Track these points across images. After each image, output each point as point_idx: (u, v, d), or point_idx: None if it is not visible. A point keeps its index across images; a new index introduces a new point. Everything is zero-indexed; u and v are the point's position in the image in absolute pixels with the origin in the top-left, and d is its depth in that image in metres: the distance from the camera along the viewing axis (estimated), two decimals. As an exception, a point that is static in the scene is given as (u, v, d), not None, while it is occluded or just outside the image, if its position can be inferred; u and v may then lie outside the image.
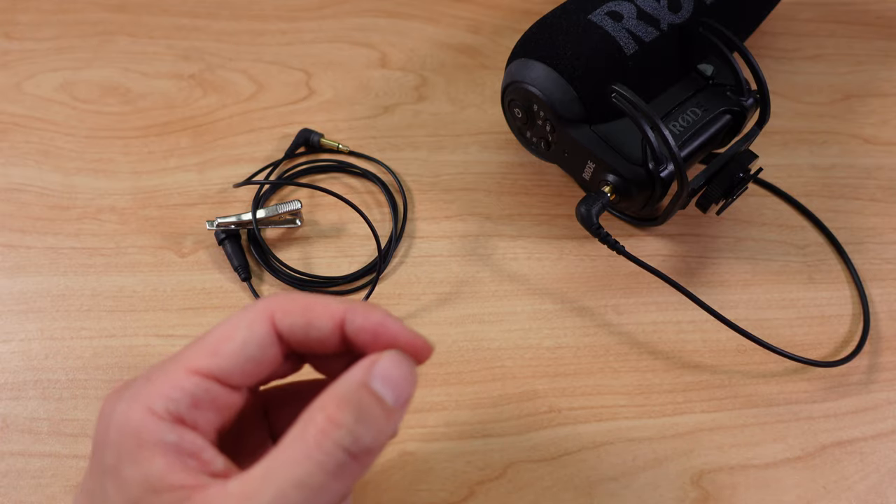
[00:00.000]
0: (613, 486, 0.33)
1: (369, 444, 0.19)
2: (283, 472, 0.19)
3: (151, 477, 0.19)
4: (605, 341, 0.37)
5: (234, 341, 0.21)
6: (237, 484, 0.19)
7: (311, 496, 0.18)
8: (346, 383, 0.20)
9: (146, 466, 0.19)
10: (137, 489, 0.19)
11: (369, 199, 0.41)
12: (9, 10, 0.47)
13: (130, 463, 0.19)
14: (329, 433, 0.19)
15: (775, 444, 0.34)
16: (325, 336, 0.22)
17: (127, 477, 0.19)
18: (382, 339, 0.21)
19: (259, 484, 0.19)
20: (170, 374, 0.20)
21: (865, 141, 0.46)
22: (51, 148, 0.41)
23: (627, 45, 0.35)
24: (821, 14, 0.52)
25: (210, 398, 0.20)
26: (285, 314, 0.21)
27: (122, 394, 0.21)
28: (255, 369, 0.21)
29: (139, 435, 0.19)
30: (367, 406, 0.20)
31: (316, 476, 0.19)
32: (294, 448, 0.19)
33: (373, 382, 0.20)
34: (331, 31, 0.48)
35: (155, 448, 0.19)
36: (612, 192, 0.35)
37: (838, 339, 0.38)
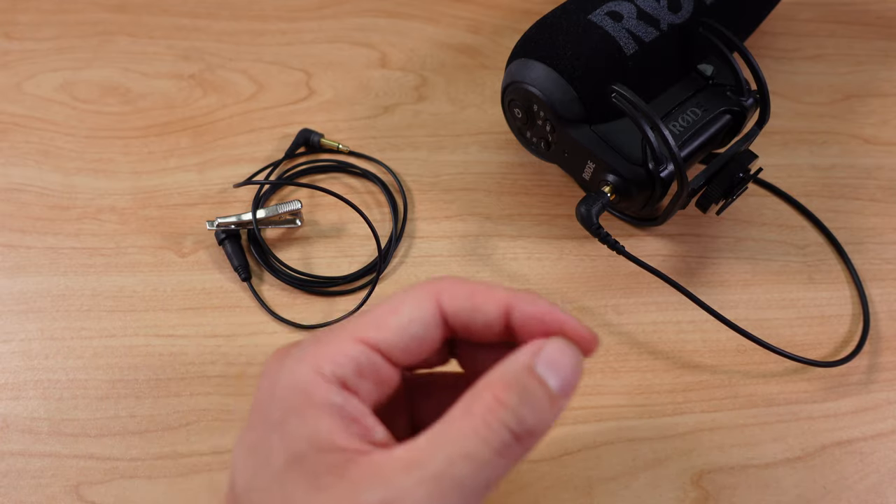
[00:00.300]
0: (613, 485, 0.33)
1: (532, 427, 0.20)
2: (450, 443, 0.19)
3: (318, 435, 0.19)
4: (605, 341, 0.37)
5: (401, 317, 0.21)
6: (403, 451, 0.19)
7: (476, 469, 0.19)
8: (512, 365, 0.20)
9: (312, 424, 0.20)
10: (303, 445, 0.19)
11: (369, 199, 0.41)
12: (9, 11, 0.47)
13: (297, 419, 0.20)
14: (495, 412, 0.19)
15: (775, 444, 0.34)
16: (489, 321, 0.22)
17: (293, 432, 0.20)
18: (550, 327, 0.21)
19: (426, 452, 0.19)
20: (338, 341, 0.21)
21: (865, 141, 0.46)
22: (51, 148, 0.41)
23: (627, 46, 0.35)
24: (821, 14, 0.52)
25: (373, 369, 0.21)
26: (452, 297, 0.22)
27: (289, 353, 0.21)
28: (416, 348, 0.22)
29: (307, 393, 0.20)
30: (531, 390, 0.20)
31: (482, 451, 0.19)
32: (461, 422, 0.19)
33: (538, 367, 0.20)
34: (331, 32, 0.48)
35: (322, 408, 0.20)
36: (612, 192, 0.35)
37: (838, 339, 0.38)
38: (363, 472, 0.19)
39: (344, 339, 0.21)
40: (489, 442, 0.19)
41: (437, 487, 0.19)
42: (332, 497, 0.19)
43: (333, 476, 0.19)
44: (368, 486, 0.19)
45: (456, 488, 0.19)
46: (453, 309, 0.22)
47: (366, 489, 0.19)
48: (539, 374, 0.20)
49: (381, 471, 0.19)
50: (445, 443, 0.19)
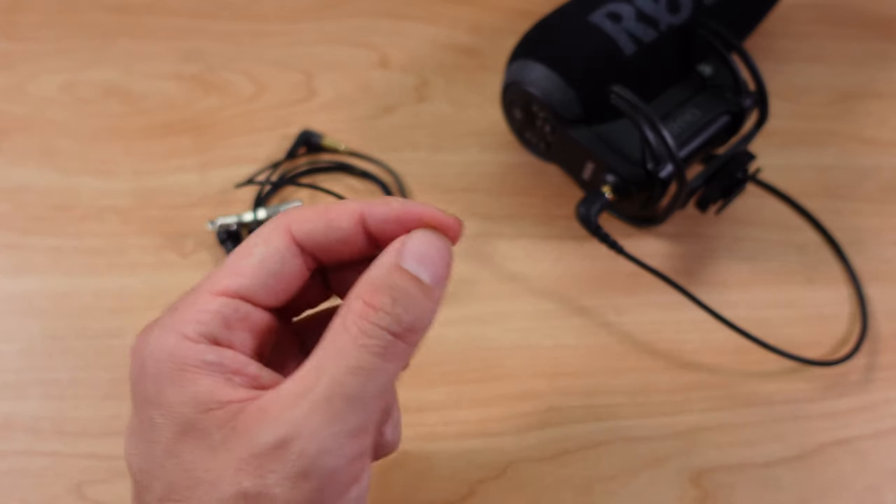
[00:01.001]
0: (613, 484, 0.33)
1: (411, 324, 0.19)
2: (332, 363, 0.19)
3: (199, 396, 0.19)
4: (605, 341, 0.37)
5: (253, 258, 0.21)
6: (289, 385, 0.19)
7: (365, 380, 0.19)
8: (377, 268, 0.20)
9: (191, 388, 0.19)
10: (187, 410, 0.19)
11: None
12: (10, 11, 0.47)
13: (174, 388, 0.19)
14: (369, 317, 0.19)
15: (774, 443, 0.35)
16: (346, 235, 0.21)
17: (173, 402, 0.19)
18: (409, 224, 0.21)
19: (311, 379, 0.19)
20: (195, 300, 0.20)
21: (864, 142, 0.46)
22: (53, 148, 0.41)
23: (626, 46, 0.36)
24: (819, 15, 0.52)
25: (240, 317, 0.20)
26: (302, 222, 0.21)
27: (151, 329, 0.20)
28: (279, 284, 0.21)
29: (177, 360, 0.19)
30: (402, 286, 0.19)
31: (366, 359, 0.19)
32: (338, 339, 0.19)
33: (405, 263, 0.20)
34: (331, 32, 0.48)
35: (197, 370, 0.19)
36: (612, 193, 0.35)
37: (836, 339, 0.38)
38: (254, 416, 0.18)
39: (201, 297, 0.20)
40: (370, 349, 0.19)
41: (331, 409, 0.18)
42: (230, 451, 0.18)
43: (226, 430, 0.19)
44: (262, 428, 0.18)
45: (349, 404, 0.18)
46: (305, 233, 0.21)
47: (260, 432, 0.18)
48: (407, 270, 0.20)
49: (271, 410, 0.18)
50: (328, 363, 0.19)
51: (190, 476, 0.19)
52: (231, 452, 0.18)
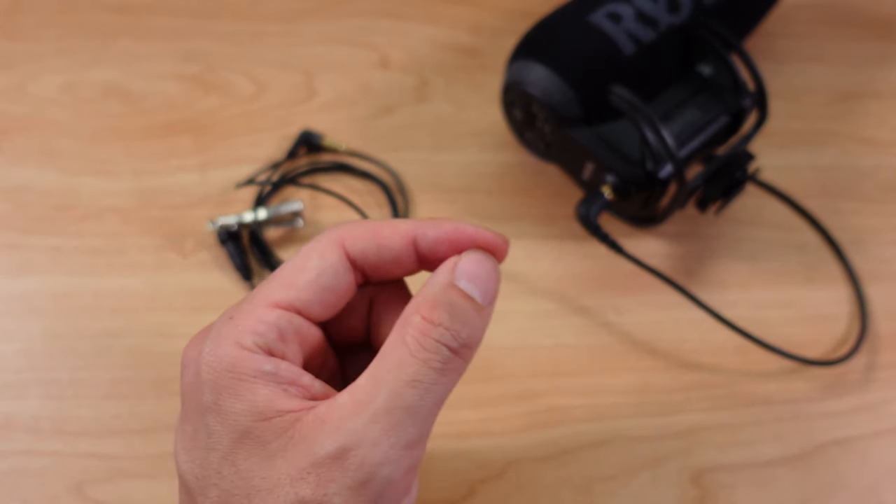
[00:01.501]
0: (612, 484, 0.33)
1: (467, 340, 0.20)
2: (392, 375, 0.19)
3: (258, 405, 0.19)
4: (605, 341, 0.37)
5: (309, 272, 0.21)
6: (346, 396, 0.19)
7: (423, 392, 0.19)
8: (433, 287, 0.21)
9: (250, 397, 0.19)
10: (245, 419, 0.19)
11: (370, 200, 0.41)
12: (11, 12, 0.47)
13: (232, 397, 0.19)
14: (428, 332, 0.20)
15: (774, 443, 0.35)
16: (397, 255, 0.22)
17: (231, 410, 0.19)
18: (460, 245, 0.22)
19: (371, 390, 0.19)
20: (252, 310, 0.20)
21: (863, 142, 0.46)
22: (53, 148, 0.41)
23: (626, 47, 0.36)
24: (819, 16, 0.52)
25: (294, 330, 0.21)
26: (355, 239, 0.22)
27: (205, 337, 0.21)
28: (332, 299, 0.21)
29: (235, 369, 0.19)
30: (458, 303, 0.20)
31: (425, 373, 0.19)
32: (397, 352, 0.19)
33: (459, 282, 0.21)
34: (331, 33, 0.48)
35: (254, 379, 0.19)
36: (612, 193, 0.35)
37: (836, 339, 0.38)
38: (312, 426, 0.19)
39: (258, 308, 0.20)
40: (430, 363, 0.19)
41: (390, 420, 0.19)
42: (288, 459, 0.19)
43: (283, 439, 0.19)
44: (321, 437, 0.19)
45: (408, 416, 0.19)
46: (359, 251, 0.22)
47: (320, 441, 0.19)
48: (462, 288, 0.21)
49: (329, 420, 0.19)
50: (387, 375, 0.19)
51: (247, 484, 0.19)
52: (289, 461, 0.19)
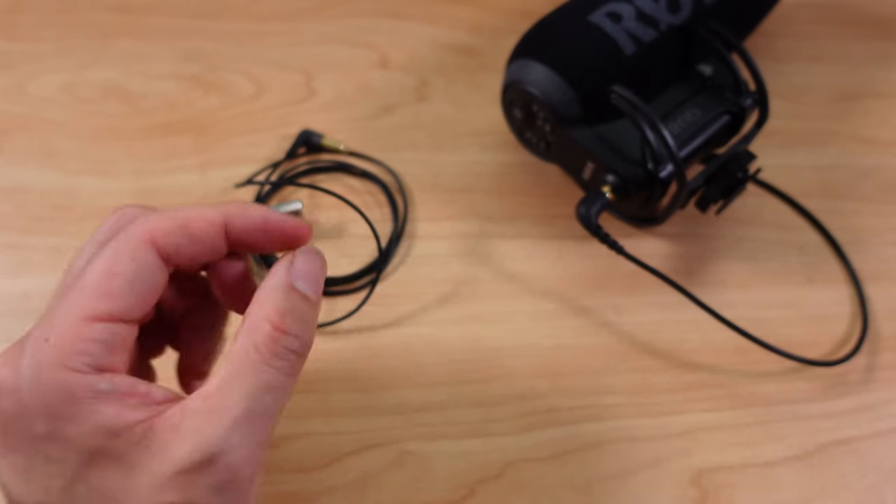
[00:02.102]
0: (613, 485, 0.33)
1: (308, 340, 0.22)
2: (248, 381, 0.20)
3: (104, 423, 0.19)
4: (605, 341, 0.37)
5: (123, 277, 0.20)
6: (199, 402, 0.20)
7: (279, 396, 0.21)
8: (274, 290, 0.21)
9: (94, 418, 0.19)
10: (94, 440, 0.19)
11: (370, 200, 0.41)
12: (11, 11, 0.47)
13: (73, 422, 0.19)
14: (279, 341, 0.21)
15: (774, 444, 0.35)
16: (209, 245, 0.22)
17: (74, 435, 0.19)
18: (271, 234, 0.23)
19: (227, 395, 0.20)
20: (70, 328, 0.20)
21: (863, 142, 0.46)
22: (53, 148, 0.41)
23: (627, 46, 0.36)
24: (819, 15, 0.52)
25: (120, 339, 0.20)
26: (166, 235, 0.21)
27: (14, 364, 0.20)
28: (149, 298, 0.21)
29: (70, 394, 0.19)
30: (299, 307, 0.21)
31: (278, 379, 0.21)
32: (250, 359, 0.20)
33: (297, 283, 0.22)
34: (331, 32, 0.48)
35: (94, 401, 0.19)
36: (612, 193, 0.35)
37: (837, 339, 0.38)
38: (167, 434, 0.19)
39: (75, 324, 0.20)
40: (283, 370, 0.21)
41: (250, 425, 0.20)
42: (149, 469, 0.19)
43: (139, 450, 0.19)
44: (181, 444, 0.19)
45: (266, 419, 0.20)
46: (172, 246, 0.21)
47: (181, 449, 0.19)
48: (300, 290, 0.22)
49: (185, 427, 0.19)
50: (243, 381, 0.20)
51: (106, 498, 0.19)
52: (149, 470, 0.19)
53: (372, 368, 0.35)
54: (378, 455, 0.33)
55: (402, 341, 0.36)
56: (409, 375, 0.35)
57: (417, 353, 0.36)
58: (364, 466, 0.32)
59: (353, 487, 0.32)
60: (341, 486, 0.32)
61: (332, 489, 0.32)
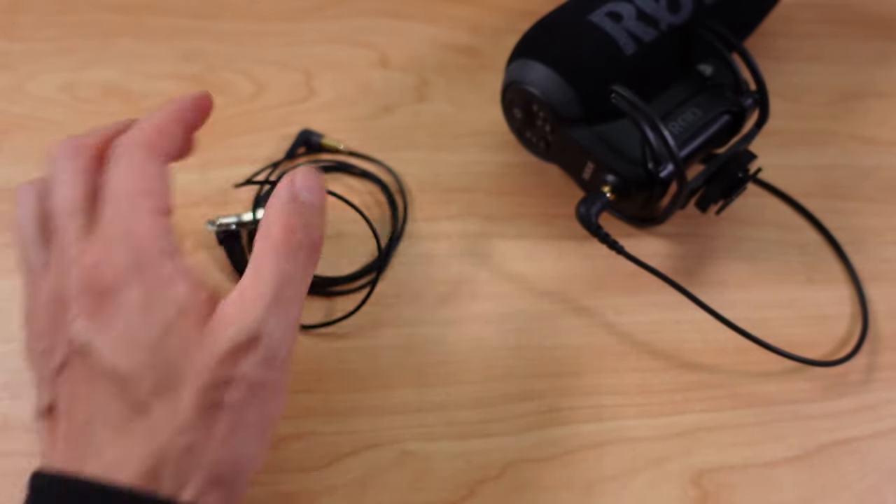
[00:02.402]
0: (613, 485, 0.33)
1: (318, 237, 0.26)
2: (271, 274, 0.24)
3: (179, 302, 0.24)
4: (605, 341, 0.37)
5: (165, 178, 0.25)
6: (235, 293, 0.24)
7: (298, 285, 0.25)
8: (280, 201, 0.26)
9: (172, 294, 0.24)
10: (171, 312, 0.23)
11: (369, 200, 0.41)
12: (10, 11, 0.47)
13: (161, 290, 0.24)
14: (291, 239, 0.25)
15: (774, 444, 0.34)
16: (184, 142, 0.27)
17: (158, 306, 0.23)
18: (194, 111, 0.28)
19: (256, 287, 0.24)
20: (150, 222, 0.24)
21: (864, 141, 0.46)
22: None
23: (627, 46, 0.36)
24: (820, 15, 0.52)
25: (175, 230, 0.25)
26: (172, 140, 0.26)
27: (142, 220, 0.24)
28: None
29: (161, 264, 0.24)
30: (304, 211, 0.26)
31: (296, 270, 0.25)
32: (270, 255, 0.25)
33: (301, 196, 0.26)
34: (331, 32, 0.48)
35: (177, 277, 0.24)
36: (612, 193, 0.35)
37: (837, 339, 0.38)
38: (222, 320, 0.24)
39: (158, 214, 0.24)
40: (298, 261, 0.25)
41: (278, 308, 0.24)
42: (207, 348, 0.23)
43: (201, 331, 0.23)
44: (233, 328, 0.23)
45: (291, 303, 0.25)
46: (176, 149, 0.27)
47: (226, 329, 0.23)
48: (303, 200, 0.26)
49: (228, 311, 0.24)
50: (267, 275, 0.24)
51: (176, 370, 0.23)
52: (209, 349, 0.23)
53: (372, 368, 0.35)
54: (378, 455, 0.33)
55: (402, 341, 0.36)
56: (409, 375, 0.35)
57: (417, 353, 0.36)
58: (364, 466, 0.32)
59: (353, 487, 0.32)
60: (341, 486, 0.32)
61: (332, 489, 0.32)
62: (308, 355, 0.35)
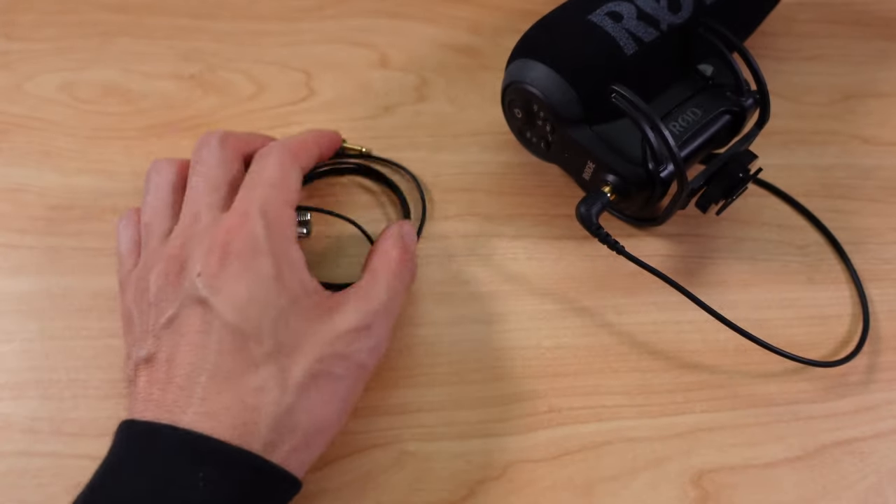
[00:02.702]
0: (613, 485, 0.33)
1: (415, 272, 0.34)
2: (385, 285, 0.31)
3: (304, 282, 0.29)
4: (605, 341, 0.37)
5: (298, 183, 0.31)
6: (355, 289, 0.30)
7: (399, 300, 0.31)
8: (394, 238, 0.33)
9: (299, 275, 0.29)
10: (298, 291, 0.28)
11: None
12: (9, 11, 0.47)
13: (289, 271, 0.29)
14: (403, 265, 0.32)
15: (775, 444, 0.34)
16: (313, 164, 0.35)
17: (289, 282, 0.28)
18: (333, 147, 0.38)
19: (374, 290, 0.30)
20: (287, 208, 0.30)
21: (865, 141, 0.46)
22: (51, 148, 0.41)
23: (627, 46, 0.36)
24: (820, 15, 0.52)
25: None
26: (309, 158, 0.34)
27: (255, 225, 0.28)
28: None
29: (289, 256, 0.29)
30: (410, 250, 0.33)
31: (401, 289, 0.32)
32: (386, 271, 0.31)
33: (406, 239, 0.33)
34: (331, 32, 0.48)
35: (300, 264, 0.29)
36: (612, 193, 0.35)
37: (838, 339, 0.38)
38: (341, 304, 0.29)
39: (283, 208, 0.30)
40: (403, 283, 0.32)
41: (386, 311, 0.30)
42: (327, 324, 0.28)
43: (320, 310, 0.28)
44: (348, 311, 0.29)
45: (393, 311, 0.31)
46: (308, 166, 0.34)
47: (347, 313, 0.29)
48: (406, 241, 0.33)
49: (349, 303, 0.29)
50: (383, 285, 0.30)
51: (295, 337, 0.27)
52: (327, 326, 0.28)
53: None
54: (378, 455, 0.33)
55: (403, 341, 0.36)
56: (409, 375, 0.35)
57: (417, 353, 0.36)
58: (364, 466, 0.32)
59: (353, 487, 0.32)
60: (341, 486, 0.32)
61: (332, 489, 0.32)
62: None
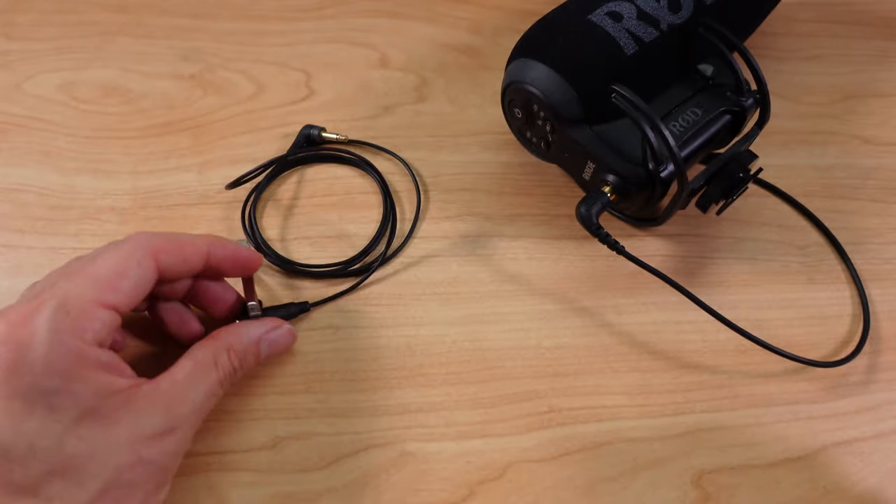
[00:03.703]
0: (613, 486, 0.33)
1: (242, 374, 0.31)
2: (204, 386, 0.28)
3: (101, 387, 0.25)
4: (605, 341, 0.37)
5: (131, 279, 0.27)
6: (167, 384, 0.27)
7: (214, 400, 0.29)
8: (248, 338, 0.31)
9: (94, 382, 0.25)
10: (91, 399, 0.25)
11: (374, 198, 0.41)
12: (9, 11, 0.47)
13: (81, 382, 0.25)
14: (233, 372, 0.30)
15: (775, 444, 0.34)
16: (192, 267, 0.30)
17: (79, 393, 0.25)
18: (239, 263, 0.31)
19: (190, 388, 0.28)
20: (87, 309, 0.26)
21: (865, 141, 0.46)
22: (51, 148, 0.41)
23: (627, 46, 0.35)
24: (820, 14, 0.52)
25: (115, 325, 0.27)
26: (167, 254, 0.28)
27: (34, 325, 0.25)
28: (141, 299, 0.28)
29: (83, 360, 0.25)
30: (250, 357, 0.31)
31: (220, 393, 0.30)
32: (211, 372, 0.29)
33: (261, 345, 0.32)
34: (331, 32, 0.48)
35: (96, 367, 0.25)
36: (612, 193, 0.35)
37: (838, 340, 0.38)
38: (144, 402, 0.26)
39: (93, 307, 0.26)
40: (223, 386, 0.30)
41: (196, 414, 0.28)
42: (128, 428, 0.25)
43: (121, 411, 0.26)
44: (156, 414, 0.26)
45: (202, 413, 0.29)
46: (167, 264, 0.28)
47: (153, 415, 0.26)
48: (260, 350, 0.32)
49: (157, 401, 0.27)
50: (202, 384, 0.28)
51: (89, 447, 0.25)
52: (129, 429, 0.26)
53: (372, 369, 0.35)
54: (378, 455, 0.33)
55: (402, 341, 0.36)
56: (409, 375, 0.35)
57: (417, 353, 0.36)
58: (364, 467, 0.32)
59: (353, 487, 0.32)
60: (341, 486, 0.32)
61: (332, 489, 0.32)
62: (308, 356, 0.35)
